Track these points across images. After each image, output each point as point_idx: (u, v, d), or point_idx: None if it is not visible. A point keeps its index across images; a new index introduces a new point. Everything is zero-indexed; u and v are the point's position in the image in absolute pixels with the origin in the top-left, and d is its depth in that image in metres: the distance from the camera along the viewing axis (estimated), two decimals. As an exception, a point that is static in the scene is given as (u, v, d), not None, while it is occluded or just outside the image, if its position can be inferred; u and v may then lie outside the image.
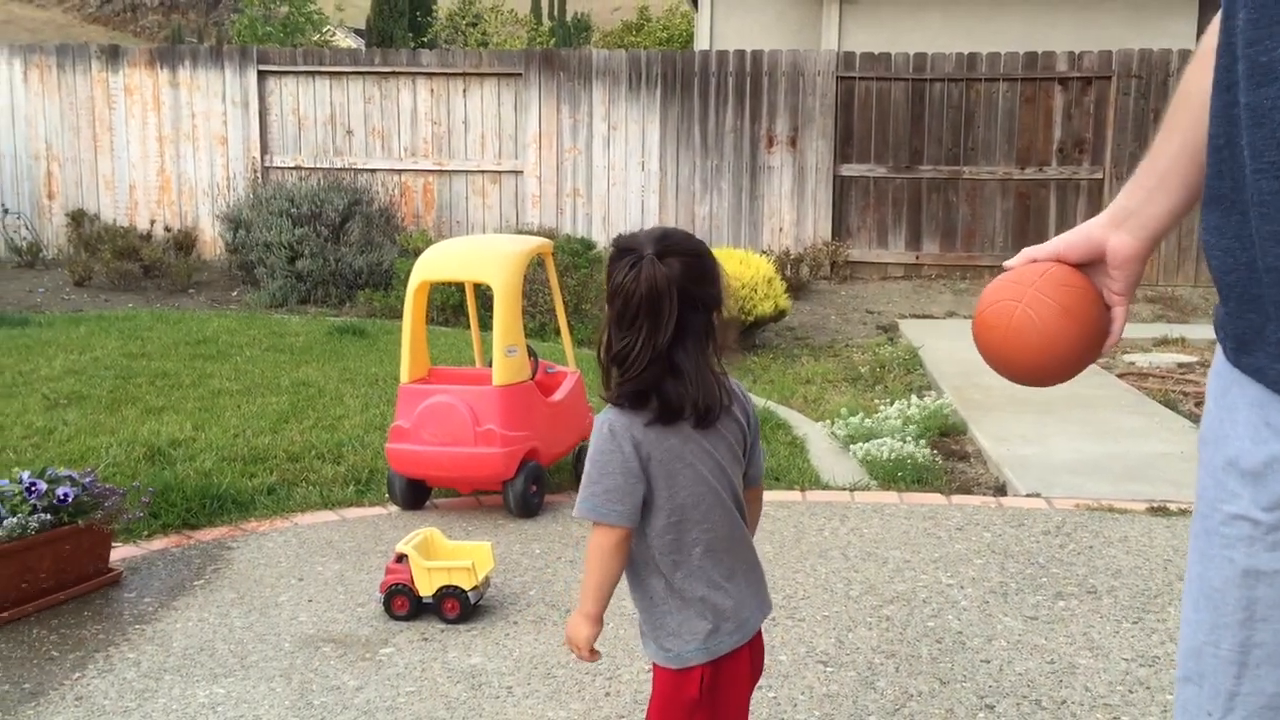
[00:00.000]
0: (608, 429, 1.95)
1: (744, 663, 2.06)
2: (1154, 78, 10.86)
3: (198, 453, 5.15)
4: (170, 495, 4.45)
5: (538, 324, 8.45)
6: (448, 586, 3.41)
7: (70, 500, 3.58)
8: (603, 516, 1.94)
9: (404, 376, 4.52)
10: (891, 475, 5.02)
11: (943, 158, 11.20)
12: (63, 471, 3.72)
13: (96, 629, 3.43)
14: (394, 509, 4.57)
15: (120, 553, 4.02)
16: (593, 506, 1.95)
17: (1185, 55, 10.92)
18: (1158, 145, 1.43)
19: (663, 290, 1.89)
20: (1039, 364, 1.49)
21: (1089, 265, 1.50)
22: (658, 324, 1.90)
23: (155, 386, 6.54)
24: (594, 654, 2.02)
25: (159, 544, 4.17)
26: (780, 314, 8.36)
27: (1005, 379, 1.57)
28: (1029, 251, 1.54)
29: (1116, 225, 1.47)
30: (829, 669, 3.14)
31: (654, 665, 2.03)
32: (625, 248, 1.95)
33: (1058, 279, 1.48)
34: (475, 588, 3.44)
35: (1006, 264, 1.56)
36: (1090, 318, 1.48)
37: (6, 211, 11.93)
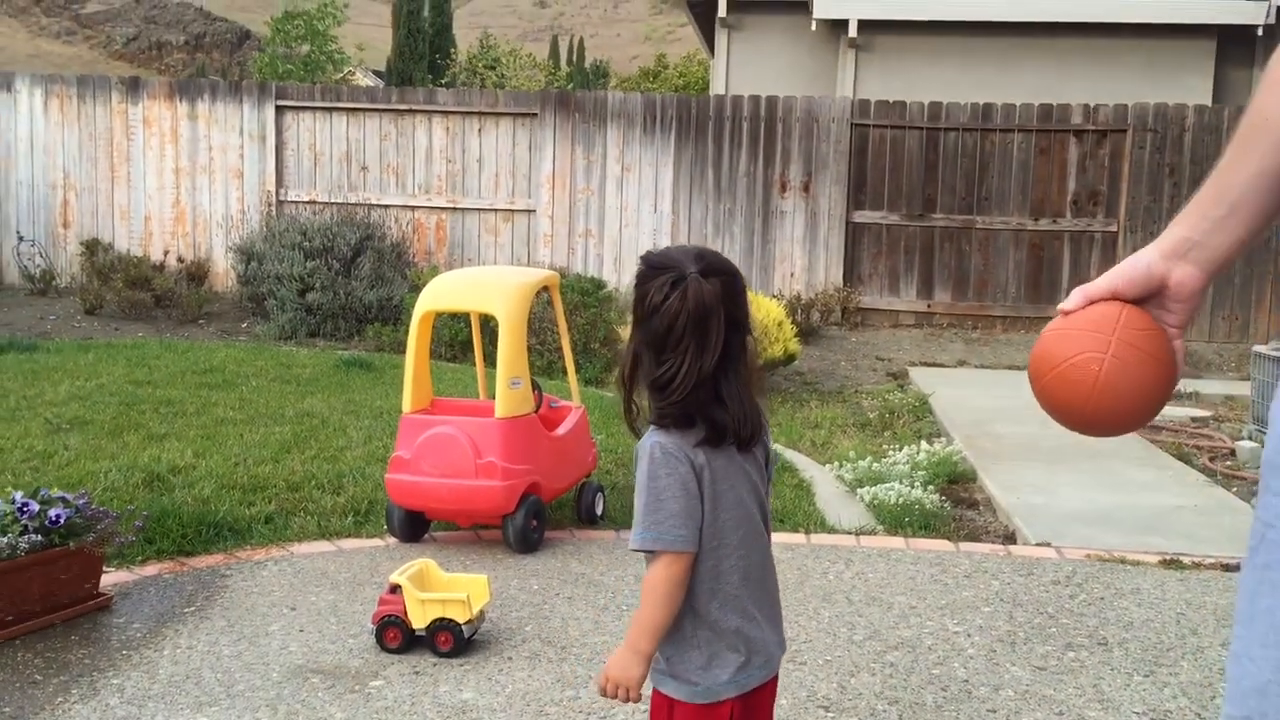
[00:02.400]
0: (659, 451, 1.84)
1: (769, 698, 1.98)
2: (1170, 132, 10.84)
3: (197, 480, 5.09)
4: (166, 521, 4.39)
5: (545, 362, 8.40)
6: (441, 619, 3.34)
7: (62, 522, 3.53)
8: (669, 544, 1.82)
9: (406, 406, 4.47)
10: (899, 520, 4.93)
11: (956, 207, 11.18)
12: (56, 493, 3.66)
13: (83, 654, 3.35)
14: (392, 541, 4.50)
15: (112, 577, 3.96)
16: (657, 535, 1.82)
17: (1201, 110, 10.92)
18: (1227, 172, 1.33)
19: (712, 309, 1.82)
20: (1130, 414, 1.40)
21: (1145, 300, 1.41)
22: (705, 345, 1.82)
23: (159, 414, 6.50)
24: (640, 697, 1.90)
25: (152, 570, 4.10)
26: (790, 358, 8.30)
27: (1079, 432, 1.46)
28: (1086, 291, 1.43)
29: (1178, 256, 1.37)
30: (830, 714, 3.04)
31: (668, 701, 1.91)
32: (660, 265, 1.86)
33: (1136, 324, 1.38)
34: (470, 621, 3.37)
35: (1063, 306, 1.44)
36: (1170, 359, 1.39)
37: (22, 239, 11.97)
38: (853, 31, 12.59)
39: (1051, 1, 12.48)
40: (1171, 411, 7.75)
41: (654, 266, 1.87)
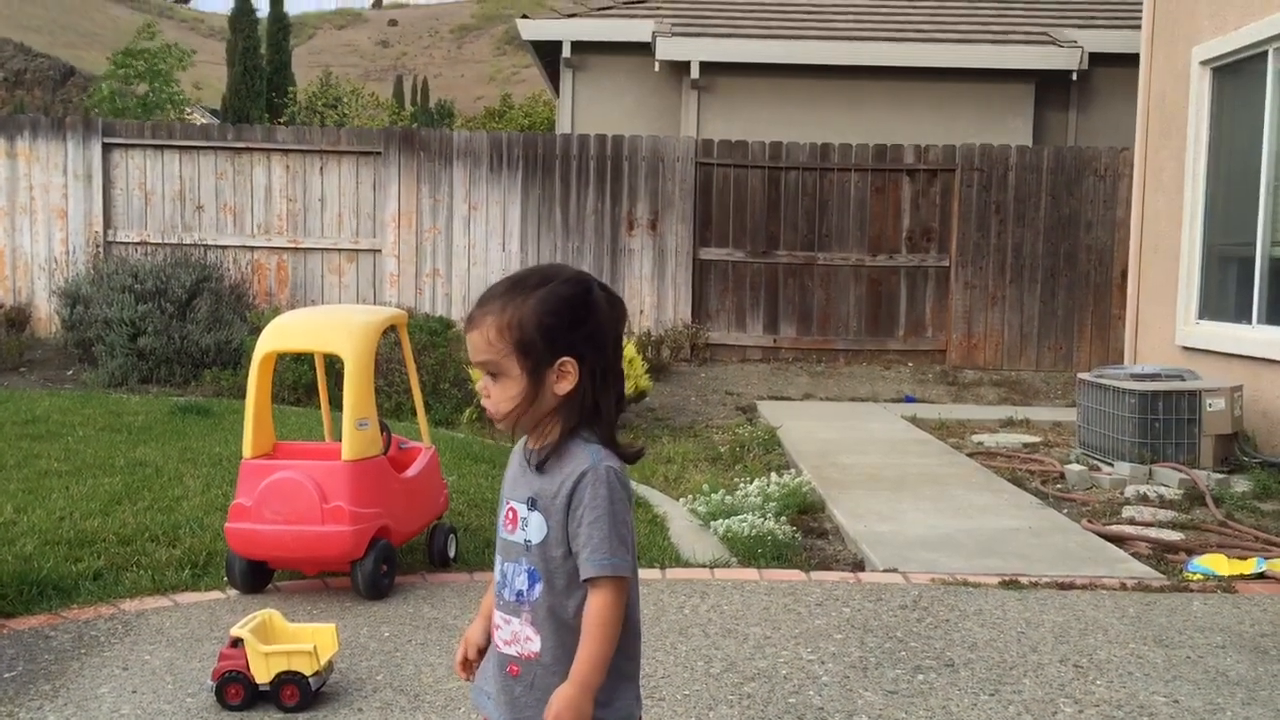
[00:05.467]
0: (615, 476, 1.82)
1: None
2: (995, 171, 11.38)
3: (18, 536, 4.78)
4: (-17, 582, 4.10)
5: (394, 403, 8.23)
6: (287, 672, 3.20)
7: None
8: (626, 571, 1.82)
9: (247, 451, 4.30)
10: (752, 552, 4.98)
11: (798, 244, 11.47)
12: None
13: (-113, 729, 3.09)
14: (233, 593, 4.31)
15: (-79, 645, 3.67)
16: (623, 561, 1.81)
17: (1023, 151, 11.50)
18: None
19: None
20: None
21: None
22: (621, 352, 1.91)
23: (-25, 467, 6.10)
24: None
25: (-33, 635, 3.82)
26: (641, 395, 8.34)
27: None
28: None
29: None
30: (689, 749, 3.03)
31: None
32: (584, 280, 1.86)
33: None
34: (317, 673, 3.24)
35: None
36: None
37: None
38: (695, 73, 12.84)
39: (884, 47, 12.99)
40: (1005, 438, 8.08)
41: (583, 283, 1.86)
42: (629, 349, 8.28)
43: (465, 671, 2.00)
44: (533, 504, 1.86)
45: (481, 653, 1.98)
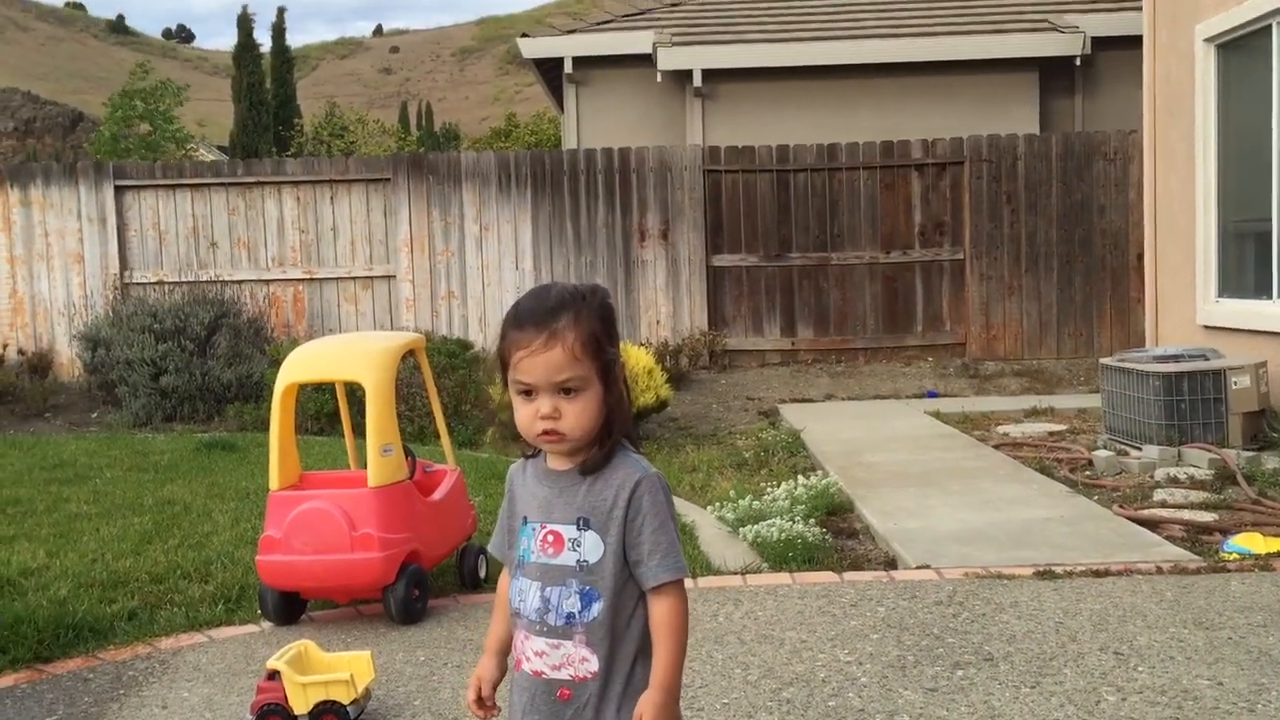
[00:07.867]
0: (664, 482, 1.88)
1: None
2: (1003, 161, 11.34)
3: (51, 581, 4.81)
4: (20, 628, 4.12)
5: (416, 428, 8.25)
6: (325, 702, 3.20)
7: (-98, 638, 3.28)
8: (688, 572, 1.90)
9: (273, 483, 4.31)
10: (782, 556, 4.96)
11: (811, 245, 11.45)
12: (-106, 608, 3.41)
13: (-67, 780, 3.11)
14: (267, 625, 4.32)
15: (-38, 694, 3.69)
16: (685, 564, 1.87)
17: (1031, 139, 11.46)
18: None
19: None
20: None
21: None
22: None
23: (5, 515, 6.15)
24: None
25: (7, 680, 3.84)
26: (662, 404, 8.33)
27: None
28: None
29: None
30: (732, 758, 3.02)
31: None
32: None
33: None
34: (355, 701, 3.24)
35: None
36: None
37: None
38: (698, 81, 12.86)
39: (885, 44, 12.98)
40: (1030, 427, 8.03)
41: (605, 289, 1.90)
42: (648, 359, 8.27)
43: (482, 710, 1.99)
44: (585, 524, 1.85)
45: (495, 688, 1.98)
